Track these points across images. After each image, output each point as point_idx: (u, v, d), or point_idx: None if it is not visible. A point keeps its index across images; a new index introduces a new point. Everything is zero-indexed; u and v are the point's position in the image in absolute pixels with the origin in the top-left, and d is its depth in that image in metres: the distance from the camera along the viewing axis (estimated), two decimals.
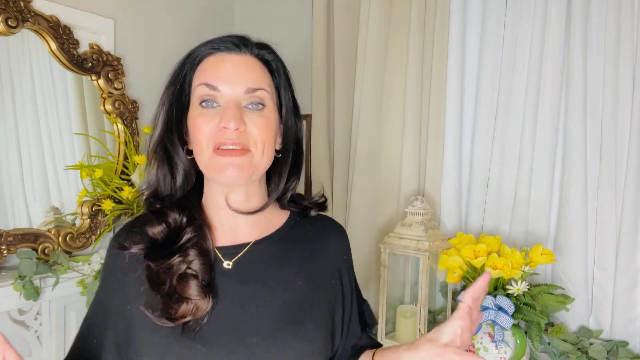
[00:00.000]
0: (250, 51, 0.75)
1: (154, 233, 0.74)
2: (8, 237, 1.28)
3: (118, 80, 1.56)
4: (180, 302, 0.69)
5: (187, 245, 0.73)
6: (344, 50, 1.75)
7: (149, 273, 0.72)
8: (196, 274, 0.71)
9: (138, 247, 0.74)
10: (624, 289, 1.32)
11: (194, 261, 0.72)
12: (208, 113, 0.72)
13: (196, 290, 0.70)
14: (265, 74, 0.76)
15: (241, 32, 0.78)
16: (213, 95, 0.72)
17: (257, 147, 0.72)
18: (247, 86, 0.72)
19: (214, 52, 0.74)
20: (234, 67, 0.73)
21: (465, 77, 1.58)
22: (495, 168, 1.51)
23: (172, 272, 0.71)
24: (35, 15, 1.34)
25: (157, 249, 0.73)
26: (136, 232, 0.77)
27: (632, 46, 1.31)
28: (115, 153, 1.55)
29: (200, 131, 0.71)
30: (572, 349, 1.32)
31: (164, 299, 0.70)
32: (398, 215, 1.62)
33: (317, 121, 1.80)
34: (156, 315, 0.69)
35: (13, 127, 1.35)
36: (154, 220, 0.75)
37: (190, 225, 0.75)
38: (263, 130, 0.72)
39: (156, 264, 0.72)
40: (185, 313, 0.69)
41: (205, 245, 0.74)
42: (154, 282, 0.71)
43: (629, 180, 1.31)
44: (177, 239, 0.74)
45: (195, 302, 0.69)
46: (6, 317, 1.32)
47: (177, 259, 0.72)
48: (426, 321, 1.35)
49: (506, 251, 1.27)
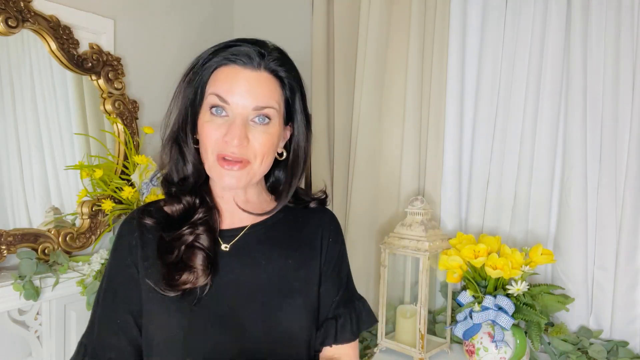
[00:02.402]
0: (266, 66, 0.78)
1: (172, 210, 0.83)
2: (8, 237, 1.28)
3: (118, 80, 1.56)
4: (183, 270, 0.77)
5: (198, 222, 0.81)
6: (344, 50, 1.75)
7: (160, 243, 0.80)
8: (203, 247, 0.79)
9: (153, 221, 0.83)
10: (624, 289, 1.33)
11: (202, 235, 0.80)
12: (216, 122, 0.77)
13: (202, 260, 0.78)
14: (277, 89, 0.80)
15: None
16: (222, 106, 0.77)
17: (256, 159, 0.79)
18: (256, 104, 0.77)
19: (230, 63, 0.77)
20: (246, 83, 0.76)
21: (465, 77, 1.58)
22: (495, 168, 1.51)
23: (181, 242, 0.79)
24: (35, 15, 1.34)
25: (172, 223, 0.82)
26: (151, 212, 0.85)
27: (632, 46, 1.31)
28: (115, 153, 1.55)
29: (207, 138, 0.78)
30: (572, 349, 1.32)
31: (169, 267, 0.78)
32: (398, 215, 1.62)
33: (317, 121, 1.80)
34: (160, 283, 0.77)
35: (13, 127, 1.35)
36: (173, 200, 0.83)
37: (202, 207, 0.83)
38: (264, 145, 0.78)
39: (168, 234, 0.80)
40: (186, 280, 0.76)
41: (213, 224, 0.82)
42: (163, 251, 0.79)
43: (629, 180, 1.31)
44: (190, 217, 0.82)
45: (197, 272, 0.77)
46: (6, 317, 1.32)
47: (187, 229, 0.80)
48: (426, 321, 1.35)
49: (506, 251, 1.27)
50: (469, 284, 1.31)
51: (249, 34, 0.81)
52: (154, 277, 0.78)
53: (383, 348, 1.45)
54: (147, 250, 0.81)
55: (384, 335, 1.45)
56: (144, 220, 0.83)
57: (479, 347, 1.26)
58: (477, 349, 1.26)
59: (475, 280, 1.30)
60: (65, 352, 1.43)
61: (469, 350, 1.29)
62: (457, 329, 1.27)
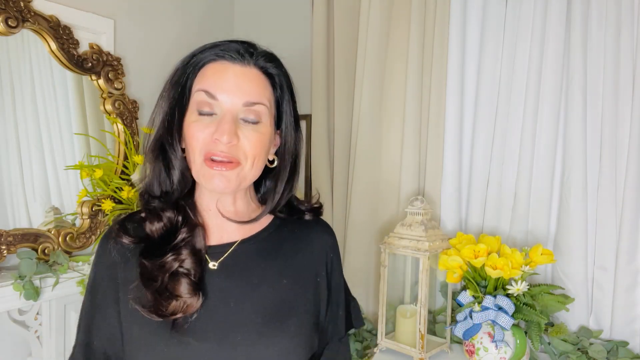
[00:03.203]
0: (255, 63, 0.74)
1: (151, 230, 0.76)
2: (8, 237, 1.28)
3: (118, 80, 1.56)
4: (170, 299, 0.71)
5: (181, 245, 0.75)
6: (344, 50, 1.75)
7: (142, 269, 0.73)
8: (187, 272, 0.73)
9: (130, 240, 0.76)
10: (624, 289, 1.32)
11: (186, 260, 0.74)
12: (203, 121, 0.72)
13: (187, 288, 0.72)
14: (267, 87, 0.75)
15: (247, 39, 0.78)
16: (210, 104, 0.72)
17: (247, 160, 0.73)
18: (246, 99, 0.72)
19: (218, 59, 0.73)
20: (235, 78, 0.72)
21: (465, 77, 1.57)
22: (495, 168, 1.51)
23: (164, 270, 0.73)
24: (35, 15, 1.34)
25: (152, 246, 0.75)
26: (129, 228, 0.78)
27: (632, 46, 1.31)
28: (115, 153, 1.55)
29: (194, 138, 0.72)
30: (572, 349, 1.32)
31: (155, 295, 0.71)
32: (398, 215, 1.62)
33: (317, 121, 1.80)
34: (146, 311, 0.71)
35: (13, 127, 1.35)
36: (153, 217, 0.76)
37: (185, 225, 0.76)
38: (255, 146, 0.73)
39: (150, 262, 0.73)
40: (175, 310, 0.70)
41: (198, 245, 0.76)
42: (146, 278, 0.72)
43: (629, 180, 1.31)
44: (172, 238, 0.75)
45: (185, 300, 0.71)
46: (6, 317, 1.32)
47: (170, 257, 0.73)
48: (426, 321, 1.35)
49: (506, 251, 1.27)
50: (469, 284, 1.31)
51: (249, 33, 0.80)
52: (140, 302, 0.72)
53: (383, 348, 1.45)
54: (128, 271, 0.75)
55: (384, 335, 1.45)
56: (122, 239, 0.76)
57: (479, 347, 1.26)
58: (477, 349, 1.26)
59: (475, 280, 1.30)
60: (65, 352, 1.43)
61: (469, 350, 1.29)
62: (457, 329, 1.27)
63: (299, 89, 0.84)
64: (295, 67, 0.87)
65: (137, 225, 0.78)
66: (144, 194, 0.79)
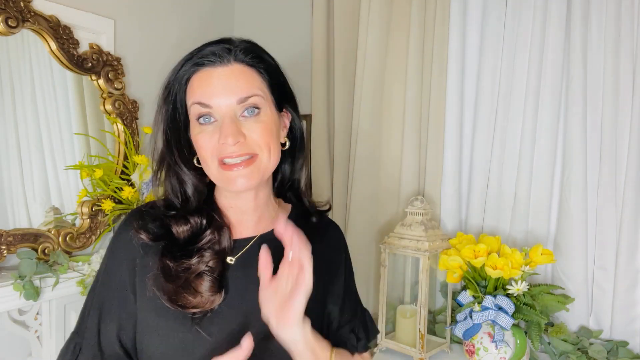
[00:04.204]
0: (235, 59, 0.74)
1: (178, 232, 0.77)
2: (8, 237, 1.28)
3: (118, 80, 1.56)
4: (192, 294, 0.73)
5: (206, 246, 0.76)
6: (344, 50, 1.75)
7: (165, 269, 0.74)
8: (210, 270, 0.75)
9: (150, 237, 0.76)
10: (624, 289, 1.33)
11: (211, 261, 0.76)
12: (207, 130, 0.73)
13: (208, 286, 0.74)
14: (254, 77, 0.75)
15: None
16: (208, 112, 0.73)
17: (262, 150, 0.74)
18: (239, 96, 0.73)
19: (199, 68, 0.74)
20: (221, 80, 0.73)
21: (465, 77, 1.58)
22: (495, 168, 1.51)
23: (190, 272, 0.74)
24: (35, 15, 1.34)
25: (175, 247, 0.76)
26: (148, 222, 0.78)
27: (632, 46, 1.31)
28: (115, 153, 1.55)
29: (203, 148, 0.74)
30: (572, 349, 1.32)
31: (178, 289, 0.73)
32: (398, 215, 1.62)
33: (317, 121, 1.80)
34: (167, 300, 0.72)
35: (13, 127, 1.35)
36: (179, 219, 0.77)
37: (210, 227, 0.78)
38: (263, 135, 0.74)
39: (174, 263, 0.74)
40: (197, 305, 0.72)
41: (222, 245, 0.78)
42: (169, 276, 0.74)
43: (629, 180, 1.31)
44: (196, 240, 0.77)
45: (207, 297, 0.73)
46: (6, 317, 1.32)
47: (195, 259, 0.75)
48: (426, 321, 1.35)
49: (506, 251, 1.27)
50: (469, 284, 1.31)
51: (249, 34, 0.80)
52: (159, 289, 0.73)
53: (383, 348, 1.45)
54: (148, 259, 0.76)
55: (384, 335, 1.45)
56: (140, 236, 0.77)
57: (479, 347, 1.26)
58: (477, 349, 1.26)
59: (475, 280, 1.30)
60: None
61: (469, 350, 1.29)
62: (457, 329, 1.27)
63: (299, 89, 0.84)
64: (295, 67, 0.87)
65: (156, 222, 0.78)
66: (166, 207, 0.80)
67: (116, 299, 0.78)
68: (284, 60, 0.81)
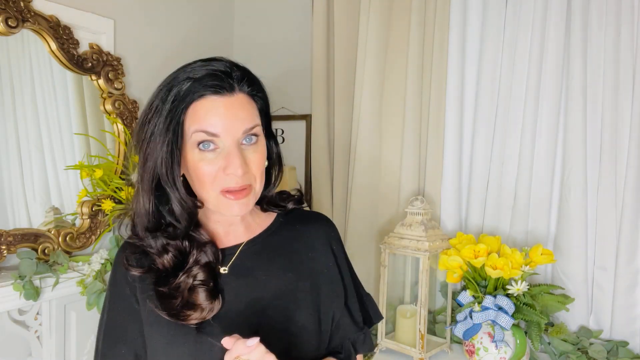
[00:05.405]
0: (240, 89, 0.75)
1: (163, 264, 0.79)
2: (8, 237, 1.28)
3: (118, 80, 1.56)
4: (192, 309, 0.75)
5: (193, 265, 0.78)
6: (344, 50, 1.75)
7: (160, 295, 0.77)
8: (203, 282, 0.77)
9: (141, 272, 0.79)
10: (624, 289, 1.33)
11: (199, 274, 0.78)
12: (207, 157, 0.74)
13: (205, 296, 0.76)
14: (254, 106, 0.78)
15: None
16: (212, 141, 0.74)
17: (256, 181, 0.77)
18: (244, 127, 0.74)
19: (206, 94, 0.73)
20: (228, 111, 0.73)
21: (465, 77, 1.58)
22: (495, 168, 1.51)
23: (181, 290, 0.77)
24: (35, 15, 1.34)
25: (164, 274, 0.78)
26: (137, 254, 0.81)
27: (632, 46, 1.31)
28: (115, 153, 1.55)
29: (205, 175, 0.74)
30: (572, 349, 1.32)
31: (177, 308, 0.75)
32: (398, 215, 1.62)
33: (317, 121, 1.80)
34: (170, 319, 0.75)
35: (13, 127, 1.35)
36: (160, 251, 0.79)
37: (194, 247, 0.79)
38: (259, 165, 0.77)
39: (166, 287, 0.77)
40: (198, 318, 0.75)
41: (208, 258, 0.79)
42: (166, 300, 0.76)
43: (629, 180, 1.31)
44: (184, 263, 0.79)
45: (205, 307, 0.76)
46: (6, 317, 1.32)
47: (182, 276, 0.77)
48: (426, 321, 1.35)
49: (506, 251, 1.27)
50: (469, 284, 1.31)
51: (249, 34, 0.80)
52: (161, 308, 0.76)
53: (383, 348, 1.45)
54: (145, 285, 0.79)
55: (384, 335, 1.45)
56: (132, 273, 0.79)
57: (479, 347, 1.26)
58: (477, 349, 1.26)
59: (475, 280, 1.30)
60: (65, 352, 1.43)
61: (469, 350, 1.29)
62: (457, 329, 1.27)
63: (299, 89, 0.85)
64: (295, 67, 0.87)
65: (141, 255, 0.80)
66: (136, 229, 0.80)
67: (126, 323, 0.81)
68: (284, 60, 0.81)
